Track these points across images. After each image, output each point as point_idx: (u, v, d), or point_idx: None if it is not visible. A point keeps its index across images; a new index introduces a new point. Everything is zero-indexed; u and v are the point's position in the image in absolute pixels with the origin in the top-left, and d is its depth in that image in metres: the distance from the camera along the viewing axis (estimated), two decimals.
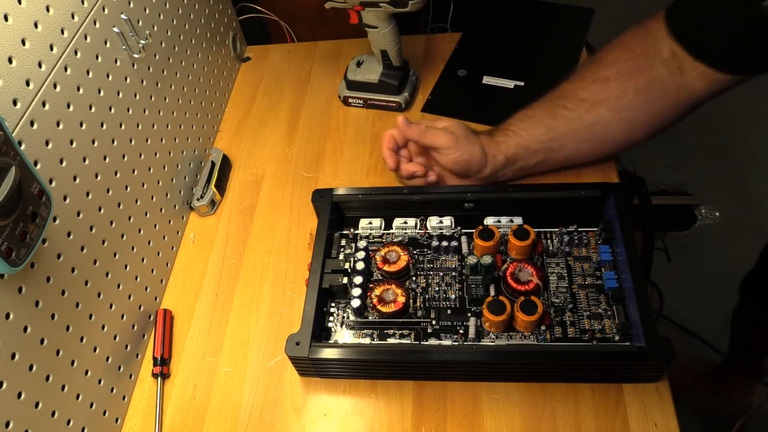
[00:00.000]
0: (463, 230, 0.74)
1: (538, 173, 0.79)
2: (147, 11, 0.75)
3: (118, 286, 0.68)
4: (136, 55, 0.71)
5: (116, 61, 0.68)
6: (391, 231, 0.75)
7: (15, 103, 0.52)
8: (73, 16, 0.61)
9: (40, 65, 0.56)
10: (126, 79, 0.70)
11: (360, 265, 0.70)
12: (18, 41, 0.53)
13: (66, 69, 0.59)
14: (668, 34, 0.68)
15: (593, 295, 0.67)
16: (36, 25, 0.55)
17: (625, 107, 0.71)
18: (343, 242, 0.75)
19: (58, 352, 0.57)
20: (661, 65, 0.69)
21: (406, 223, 0.75)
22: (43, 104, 0.56)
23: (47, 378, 0.55)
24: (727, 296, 1.54)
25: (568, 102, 0.73)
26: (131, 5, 0.72)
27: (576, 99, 0.73)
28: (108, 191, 0.66)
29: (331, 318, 0.69)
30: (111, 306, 0.66)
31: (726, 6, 0.64)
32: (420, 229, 0.75)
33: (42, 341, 0.55)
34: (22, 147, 0.53)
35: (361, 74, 0.94)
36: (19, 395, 0.51)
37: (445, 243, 0.72)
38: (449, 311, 0.68)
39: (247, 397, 0.68)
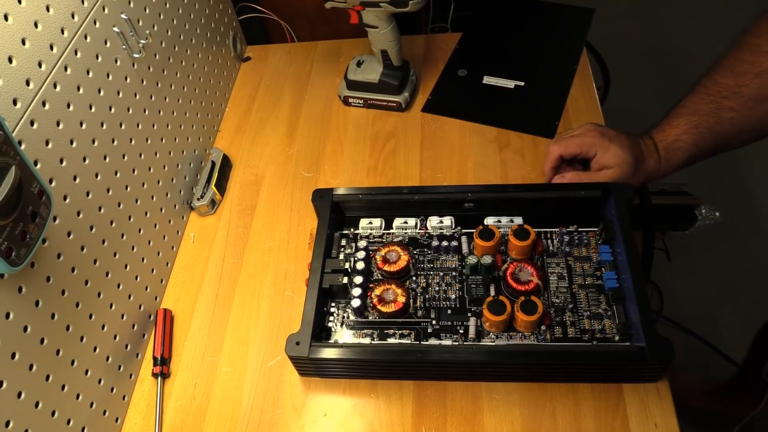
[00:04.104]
0: (463, 230, 0.74)
1: None
2: (147, 11, 0.75)
3: (118, 285, 0.68)
4: (136, 55, 0.71)
5: (116, 61, 0.68)
6: (391, 231, 0.75)
7: (15, 102, 0.52)
8: (73, 16, 0.61)
9: (40, 65, 0.56)
10: (126, 78, 0.70)
11: (360, 265, 0.70)
12: (18, 41, 0.53)
13: (66, 69, 0.59)
14: None
15: (593, 295, 0.67)
16: (36, 25, 0.55)
17: None
18: (343, 242, 0.75)
19: (58, 352, 0.57)
20: None
21: (406, 223, 0.75)
22: (43, 104, 0.56)
23: (47, 378, 0.55)
24: (727, 296, 1.54)
25: (733, 102, 0.69)
26: (131, 5, 0.72)
27: (741, 97, 0.69)
28: (108, 191, 0.66)
29: (331, 318, 0.69)
30: (111, 306, 0.66)
31: None
32: (420, 229, 0.75)
33: (42, 341, 0.55)
34: (22, 147, 0.53)
35: (361, 74, 0.94)
36: (19, 395, 0.51)
37: (445, 243, 0.72)
38: (449, 311, 0.68)
39: (247, 397, 0.68)
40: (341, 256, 0.73)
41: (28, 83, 0.54)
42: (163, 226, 0.78)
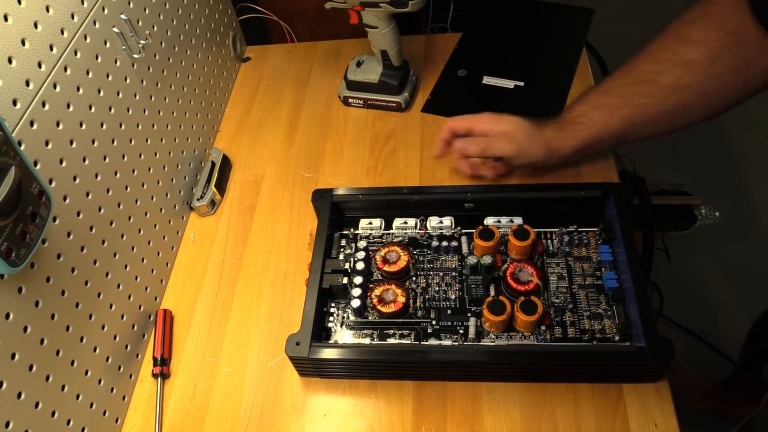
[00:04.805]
0: (463, 230, 0.74)
1: None
2: (147, 11, 0.75)
3: (118, 286, 0.68)
4: (135, 56, 0.71)
5: (116, 62, 0.68)
6: (391, 231, 0.75)
7: (15, 103, 0.52)
8: (72, 17, 0.61)
9: (39, 65, 0.56)
10: (126, 79, 0.70)
11: (360, 265, 0.70)
12: (18, 41, 0.53)
13: (66, 69, 0.59)
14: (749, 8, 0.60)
15: (593, 295, 0.67)
16: (36, 26, 0.55)
17: (711, 91, 0.65)
18: (343, 242, 0.75)
19: (58, 352, 0.57)
20: (751, 45, 0.61)
21: (406, 223, 0.75)
22: (43, 104, 0.56)
23: (47, 378, 0.55)
24: (727, 296, 1.53)
25: (648, 87, 0.68)
26: (131, 5, 0.72)
27: (657, 85, 0.67)
28: (108, 191, 0.66)
29: (331, 318, 0.69)
30: (111, 306, 0.66)
31: None
32: (420, 229, 0.75)
33: (42, 341, 0.55)
34: (22, 147, 0.53)
35: (361, 74, 0.94)
36: (19, 395, 0.51)
37: (445, 243, 0.72)
38: (449, 311, 0.68)
39: (247, 397, 0.68)
40: (341, 257, 0.73)
41: (27, 84, 0.54)
42: (162, 227, 0.78)
